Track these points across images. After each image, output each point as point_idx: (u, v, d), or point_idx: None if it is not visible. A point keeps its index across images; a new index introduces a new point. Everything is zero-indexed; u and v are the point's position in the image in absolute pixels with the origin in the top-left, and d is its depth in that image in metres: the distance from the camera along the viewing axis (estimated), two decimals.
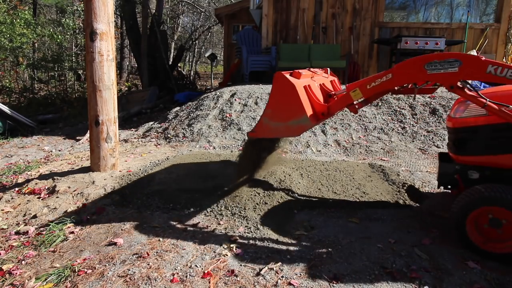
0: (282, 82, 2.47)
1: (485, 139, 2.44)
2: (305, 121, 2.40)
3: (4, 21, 9.83)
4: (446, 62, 2.22)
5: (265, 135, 2.68)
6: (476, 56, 2.19)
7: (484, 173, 2.45)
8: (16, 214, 2.96)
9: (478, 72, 2.17)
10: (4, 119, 7.05)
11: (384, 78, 2.38)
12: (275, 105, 2.53)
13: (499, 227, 2.21)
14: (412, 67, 2.32)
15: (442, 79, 2.27)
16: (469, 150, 2.52)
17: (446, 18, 8.53)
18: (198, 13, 21.18)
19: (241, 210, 2.94)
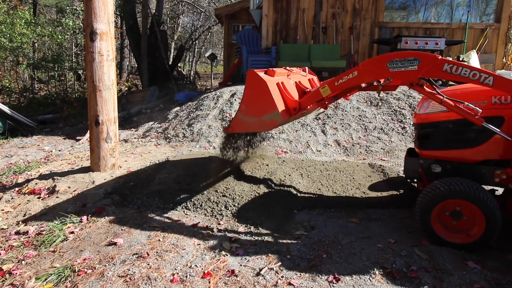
0: (254, 79, 2.59)
1: (445, 134, 2.57)
2: (277, 115, 2.51)
3: (4, 21, 9.83)
4: (406, 60, 2.35)
5: (240, 130, 2.79)
6: (433, 55, 2.32)
7: (445, 167, 2.56)
8: (16, 214, 2.96)
9: (435, 70, 2.30)
10: (4, 119, 7.05)
11: (351, 75, 2.51)
12: (249, 101, 2.66)
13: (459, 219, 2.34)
14: (375, 65, 2.45)
15: (402, 77, 2.39)
16: (431, 145, 2.63)
17: (446, 18, 8.54)
18: (198, 13, 21.18)
19: (241, 210, 2.95)
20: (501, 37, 7.96)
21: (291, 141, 4.99)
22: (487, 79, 2.19)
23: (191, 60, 22.59)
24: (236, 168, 3.56)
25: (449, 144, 2.55)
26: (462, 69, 2.23)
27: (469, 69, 2.22)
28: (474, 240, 2.31)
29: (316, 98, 2.66)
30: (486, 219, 2.25)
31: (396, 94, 5.92)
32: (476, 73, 2.21)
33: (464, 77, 2.24)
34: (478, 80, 2.22)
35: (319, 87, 2.65)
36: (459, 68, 2.23)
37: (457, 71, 2.24)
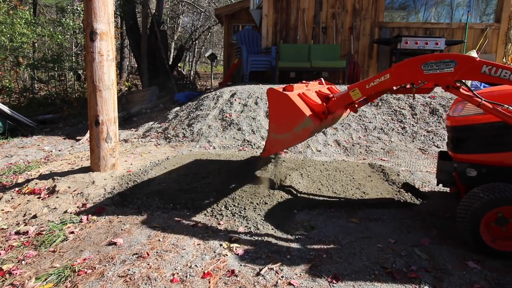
0: (276, 96, 2.60)
1: (481, 138, 2.49)
2: (309, 123, 2.49)
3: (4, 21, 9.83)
4: (442, 62, 2.28)
5: (277, 149, 2.74)
6: (471, 56, 2.26)
7: (481, 171, 2.48)
8: (16, 214, 2.96)
9: (473, 72, 2.24)
10: (4, 119, 7.05)
11: (382, 78, 2.46)
12: (277, 119, 2.64)
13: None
14: (409, 67, 2.38)
15: (438, 79, 2.33)
16: (466, 148, 2.56)
17: (446, 18, 8.54)
18: (198, 13, 21.18)
19: (241, 210, 2.95)
20: (501, 37, 7.96)
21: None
22: None
23: (191, 60, 22.59)
24: (236, 168, 3.56)
25: (486, 148, 2.48)
26: (502, 70, 2.16)
27: (510, 71, 2.15)
28: None
29: (346, 101, 2.62)
30: None
31: (396, 94, 5.92)
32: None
33: (504, 79, 2.17)
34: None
35: (348, 91, 2.60)
36: (499, 69, 2.17)
37: (496, 73, 2.18)
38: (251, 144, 4.93)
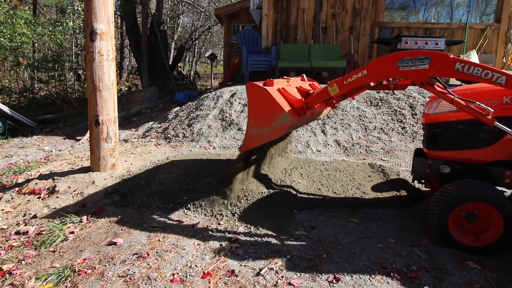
0: (255, 91, 2.62)
1: (454, 135, 2.54)
2: (287, 118, 2.51)
3: (4, 21, 9.83)
4: (417, 59, 2.33)
5: (255, 144, 2.74)
6: (445, 53, 2.30)
7: (454, 168, 2.54)
8: (16, 214, 2.96)
9: (447, 69, 2.28)
10: (4, 119, 7.05)
11: (360, 74, 2.49)
12: (256, 113, 2.65)
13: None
14: (385, 64, 2.42)
15: (413, 76, 2.37)
16: (440, 145, 2.61)
17: (446, 18, 8.54)
18: (198, 13, 21.18)
19: (241, 210, 2.95)
20: (501, 37, 7.96)
21: (291, 141, 4.99)
22: (500, 78, 2.16)
23: (191, 60, 22.59)
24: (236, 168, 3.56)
25: (459, 145, 2.52)
26: (474, 68, 2.20)
27: (482, 68, 2.19)
28: (489, 243, 2.27)
29: (324, 97, 2.66)
30: (506, 222, 2.20)
31: (396, 94, 5.92)
32: (489, 72, 2.18)
33: (476, 76, 2.21)
34: (490, 79, 2.19)
35: (327, 86, 2.64)
36: (471, 67, 2.20)
37: (469, 70, 2.22)
38: None
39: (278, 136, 2.65)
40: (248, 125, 2.71)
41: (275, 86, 2.69)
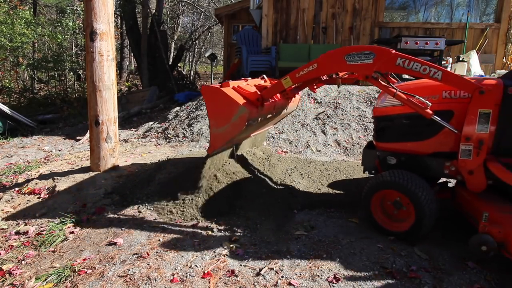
0: (209, 92, 2.73)
1: (399, 127, 2.65)
2: (243, 110, 2.61)
3: (4, 21, 9.82)
4: (363, 54, 2.45)
5: (221, 143, 2.80)
6: (388, 49, 2.41)
7: (400, 159, 2.64)
8: (16, 214, 2.96)
9: (389, 64, 2.41)
10: (4, 119, 7.05)
11: (311, 68, 2.63)
12: (214, 113, 2.74)
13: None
14: (334, 58, 2.55)
15: (358, 70, 2.50)
16: (386, 137, 2.73)
17: (446, 18, 8.53)
18: (198, 13, 21.17)
19: (241, 210, 2.94)
20: (501, 37, 7.95)
21: (291, 141, 4.99)
22: (436, 73, 2.27)
23: (191, 60, 22.59)
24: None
25: (402, 137, 2.63)
26: (413, 63, 2.32)
27: (420, 64, 2.30)
28: (405, 230, 2.41)
29: (279, 89, 2.80)
30: (416, 211, 2.33)
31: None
32: (426, 68, 2.29)
33: (415, 71, 2.32)
34: (428, 74, 2.30)
35: (281, 79, 2.79)
36: (411, 62, 2.33)
37: (409, 65, 2.34)
38: None
39: (240, 130, 2.71)
40: (210, 126, 2.77)
41: (231, 86, 2.80)
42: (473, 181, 2.33)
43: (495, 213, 2.12)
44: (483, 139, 2.23)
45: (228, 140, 2.81)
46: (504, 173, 2.17)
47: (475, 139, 2.25)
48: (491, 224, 2.09)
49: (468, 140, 2.28)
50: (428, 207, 2.31)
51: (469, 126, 2.27)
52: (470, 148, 2.28)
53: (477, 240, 2.05)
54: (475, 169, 2.29)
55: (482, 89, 2.20)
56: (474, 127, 2.25)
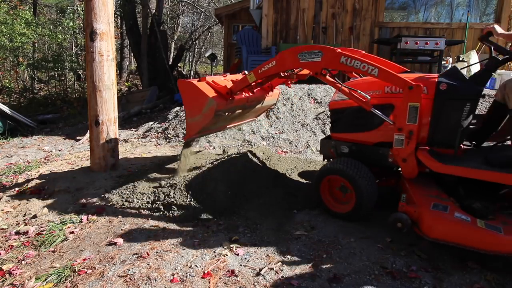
0: (184, 85, 3.04)
1: (348, 119, 2.92)
2: (212, 102, 2.90)
3: (4, 21, 9.82)
4: (313, 52, 2.69)
5: (195, 130, 3.10)
6: (333, 48, 2.64)
7: (351, 148, 2.90)
8: (16, 214, 2.96)
9: (335, 62, 2.64)
10: (4, 119, 7.05)
11: (270, 65, 2.88)
12: (188, 105, 3.06)
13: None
14: (289, 56, 2.79)
15: (309, 67, 2.75)
16: (339, 128, 3.01)
17: (446, 18, 8.54)
18: (198, 13, 21.18)
19: (241, 210, 2.95)
20: None
21: (291, 141, 4.99)
22: (373, 70, 2.49)
23: (191, 60, 22.59)
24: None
25: (352, 128, 2.89)
26: (354, 61, 2.54)
27: (360, 62, 2.52)
28: (347, 211, 2.71)
29: (245, 83, 3.05)
30: (356, 195, 2.62)
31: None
32: (365, 65, 2.51)
33: (356, 68, 2.55)
34: (366, 71, 2.52)
35: (246, 74, 3.03)
36: (353, 60, 2.55)
37: (351, 63, 2.56)
38: (251, 144, 4.92)
39: (210, 120, 2.98)
40: (186, 116, 3.11)
41: (208, 79, 3.09)
42: (407, 168, 2.56)
43: (414, 195, 2.39)
44: (413, 130, 2.44)
45: (201, 129, 3.10)
46: (431, 161, 2.39)
47: (406, 130, 2.46)
48: (409, 204, 2.34)
49: (400, 130, 2.49)
50: (366, 192, 2.58)
51: (401, 118, 2.48)
52: (402, 138, 2.49)
53: (394, 217, 2.29)
54: (407, 157, 2.51)
55: (411, 84, 2.40)
56: (405, 119, 2.46)
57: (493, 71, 2.49)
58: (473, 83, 2.44)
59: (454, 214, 2.16)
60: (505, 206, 2.34)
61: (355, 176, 2.60)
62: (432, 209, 2.22)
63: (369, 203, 2.62)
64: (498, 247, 2.03)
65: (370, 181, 2.61)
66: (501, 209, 2.31)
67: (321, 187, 2.84)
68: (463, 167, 2.28)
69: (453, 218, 2.14)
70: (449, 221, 2.13)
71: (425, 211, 2.22)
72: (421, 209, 2.25)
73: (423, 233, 2.21)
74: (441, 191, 2.43)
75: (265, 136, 5.14)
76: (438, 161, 2.36)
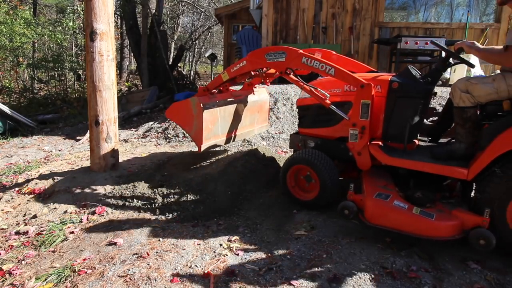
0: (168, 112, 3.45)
1: (312, 115, 3.11)
2: (194, 100, 3.14)
3: (4, 21, 9.82)
4: (277, 53, 2.90)
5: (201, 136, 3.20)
6: (295, 49, 2.84)
7: (317, 143, 3.08)
8: (16, 214, 2.96)
9: (297, 62, 2.84)
10: (4, 119, 7.04)
11: (242, 64, 3.10)
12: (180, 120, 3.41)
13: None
14: (257, 56, 3.01)
15: (275, 66, 2.98)
16: (305, 124, 3.20)
17: (446, 18, 8.53)
18: (198, 13, 21.16)
19: (241, 210, 2.95)
20: (501, 37, 7.95)
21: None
22: (330, 70, 2.70)
23: (191, 60, 22.58)
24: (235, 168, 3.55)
25: (316, 124, 3.08)
26: (314, 61, 2.75)
27: (319, 62, 2.73)
28: (311, 199, 2.89)
29: (219, 81, 3.26)
30: (320, 184, 2.80)
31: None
32: (323, 65, 2.71)
33: (316, 68, 2.75)
34: (324, 71, 2.71)
35: (221, 73, 3.25)
36: (313, 61, 2.75)
37: (311, 63, 2.77)
38: (251, 144, 4.92)
39: (203, 120, 3.13)
40: (187, 133, 3.38)
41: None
42: (361, 161, 2.74)
43: (365, 185, 2.58)
44: (365, 125, 2.62)
45: (208, 134, 3.23)
46: (380, 154, 2.58)
47: (359, 125, 2.64)
48: (357, 193, 2.52)
49: (354, 126, 2.67)
50: (330, 181, 2.76)
51: (355, 114, 2.66)
52: (356, 132, 2.67)
53: (342, 205, 2.48)
54: (361, 151, 2.69)
55: (362, 83, 2.58)
56: (358, 115, 2.64)
57: (443, 71, 2.66)
58: (423, 83, 2.61)
59: (393, 202, 2.34)
60: (446, 196, 2.55)
61: (321, 166, 2.78)
62: (375, 197, 2.41)
63: (331, 192, 2.80)
64: (428, 231, 2.20)
65: (333, 172, 2.80)
66: (441, 199, 2.51)
67: (287, 175, 2.99)
68: (408, 160, 2.48)
69: (391, 206, 2.32)
70: (388, 208, 2.32)
71: (369, 199, 2.41)
72: (366, 197, 2.45)
73: (366, 219, 2.40)
74: (390, 182, 2.62)
75: (265, 136, 5.14)
76: (387, 154, 2.55)
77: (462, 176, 2.29)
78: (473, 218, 2.16)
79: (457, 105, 2.41)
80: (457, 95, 2.39)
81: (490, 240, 2.04)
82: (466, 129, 2.40)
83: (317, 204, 2.88)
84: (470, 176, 2.25)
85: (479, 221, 2.13)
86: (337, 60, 3.26)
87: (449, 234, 2.17)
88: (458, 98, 2.39)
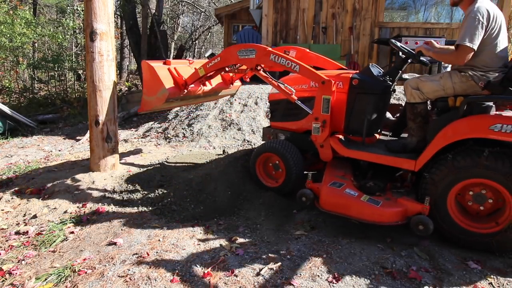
0: (146, 67, 3.34)
1: (281, 110, 3.28)
2: (164, 91, 3.24)
3: (4, 21, 9.81)
4: (248, 50, 3.01)
5: (147, 108, 3.46)
6: (264, 47, 2.97)
7: (287, 135, 3.25)
8: (16, 214, 2.96)
9: (266, 59, 2.96)
10: (4, 119, 7.04)
11: (216, 60, 3.21)
12: (146, 85, 3.38)
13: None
14: (230, 53, 3.12)
15: (246, 63, 3.09)
16: (276, 118, 3.38)
17: (446, 18, 8.54)
18: (198, 13, 21.16)
19: (241, 210, 2.95)
20: None
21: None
22: (295, 67, 2.82)
23: None
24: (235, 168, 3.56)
25: (286, 117, 3.25)
26: (281, 59, 2.87)
27: (285, 59, 2.85)
28: (277, 185, 3.10)
29: (196, 76, 3.35)
30: (286, 171, 3.00)
31: (396, 94, 5.92)
32: (289, 63, 2.83)
33: (282, 65, 2.86)
34: (290, 67, 2.84)
35: (197, 68, 3.35)
36: (280, 58, 2.88)
37: (278, 60, 2.89)
38: (251, 144, 4.92)
39: (161, 103, 3.32)
40: (142, 93, 3.45)
41: (172, 65, 3.43)
42: (323, 153, 2.91)
43: (325, 175, 2.72)
44: (326, 119, 2.78)
45: (153, 107, 3.46)
46: (339, 146, 2.76)
47: (321, 119, 2.80)
48: (315, 182, 2.68)
49: (316, 119, 2.82)
50: (295, 169, 2.96)
51: (317, 109, 2.81)
52: (318, 126, 2.82)
53: (300, 193, 2.65)
54: (323, 143, 2.86)
55: (323, 79, 2.72)
56: (320, 110, 2.79)
57: (400, 69, 2.82)
58: (382, 80, 2.76)
59: (344, 190, 2.52)
60: (397, 186, 2.75)
61: (288, 156, 2.97)
62: (329, 185, 2.58)
63: (295, 181, 2.98)
64: (373, 217, 2.37)
65: (299, 161, 2.99)
66: (392, 188, 2.70)
67: (257, 163, 3.20)
68: (364, 152, 2.65)
69: (342, 193, 2.50)
70: (338, 195, 2.50)
71: (324, 187, 2.58)
72: (322, 186, 2.61)
73: (320, 205, 2.56)
74: (348, 173, 2.79)
75: None
76: (345, 146, 2.72)
77: (410, 167, 2.46)
78: (416, 206, 2.33)
79: (408, 101, 2.56)
80: (408, 92, 2.55)
81: (428, 225, 2.22)
82: (417, 124, 2.56)
83: (281, 191, 3.09)
84: (417, 167, 2.42)
85: (420, 208, 2.30)
86: (310, 57, 3.47)
87: (393, 220, 2.34)
88: (409, 94, 2.54)
